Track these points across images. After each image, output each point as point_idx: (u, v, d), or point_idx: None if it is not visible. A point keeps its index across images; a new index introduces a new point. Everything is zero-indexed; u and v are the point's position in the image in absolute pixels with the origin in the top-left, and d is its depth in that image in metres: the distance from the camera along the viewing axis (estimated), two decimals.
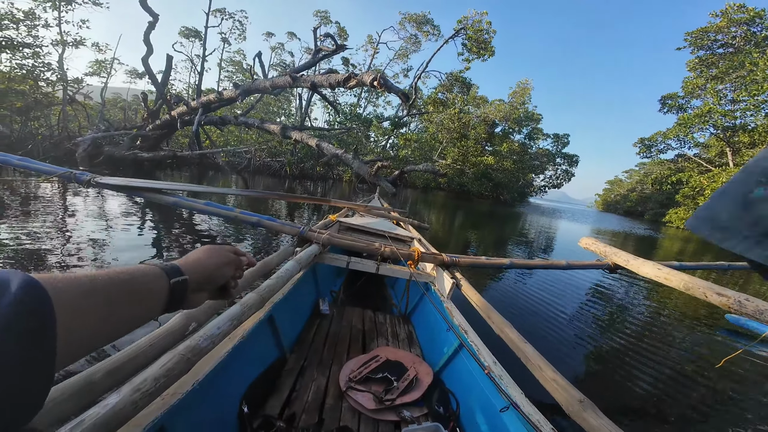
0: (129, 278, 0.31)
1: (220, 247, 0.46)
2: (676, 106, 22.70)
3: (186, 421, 0.71)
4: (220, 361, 0.79)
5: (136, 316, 0.31)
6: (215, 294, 0.45)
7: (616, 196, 56.13)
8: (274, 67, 31.24)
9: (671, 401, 1.87)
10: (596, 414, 0.77)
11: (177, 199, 1.58)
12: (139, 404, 0.56)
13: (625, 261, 1.97)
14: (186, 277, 0.37)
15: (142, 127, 11.62)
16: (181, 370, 0.65)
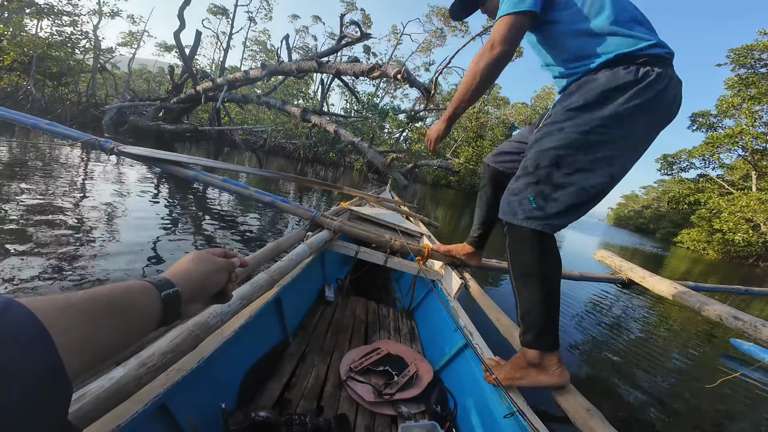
0: (108, 293, 0.30)
1: (207, 252, 0.44)
2: (706, 124, 21.77)
3: (187, 399, 0.70)
4: (226, 339, 0.78)
5: (126, 331, 0.30)
6: (211, 300, 0.44)
7: (630, 211, 54.82)
8: (297, 49, 31.05)
9: (672, 417, 1.86)
10: (603, 424, 0.75)
11: (195, 173, 1.58)
12: (144, 379, 0.55)
13: (640, 278, 1.92)
14: (177, 288, 0.36)
15: (167, 100, 11.77)
16: (188, 346, 0.64)
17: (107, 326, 0.28)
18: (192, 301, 0.39)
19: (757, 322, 1.27)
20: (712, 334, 3.47)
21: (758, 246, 17.06)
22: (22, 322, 0.21)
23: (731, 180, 22.53)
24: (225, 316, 0.73)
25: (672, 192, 26.64)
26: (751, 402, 2.20)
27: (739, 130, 18.69)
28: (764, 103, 17.95)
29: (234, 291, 0.81)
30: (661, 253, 17.75)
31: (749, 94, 18.57)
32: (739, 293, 2.14)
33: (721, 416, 2.00)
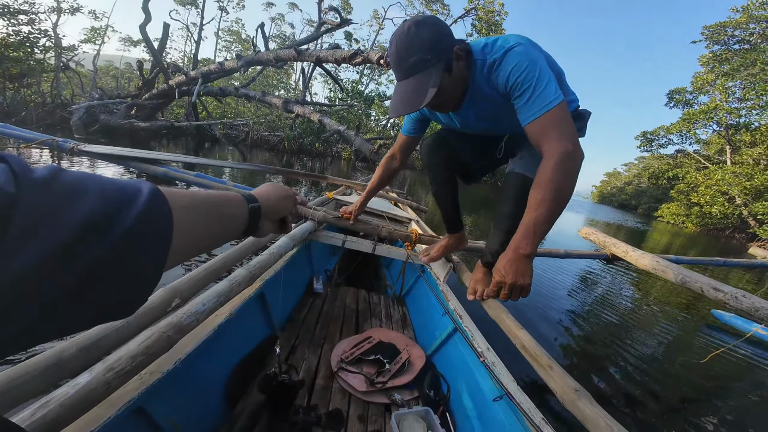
0: (220, 199, 0.33)
1: (280, 184, 0.50)
2: (683, 101, 22.26)
3: (167, 401, 0.68)
4: (205, 339, 0.75)
5: (220, 236, 0.33)
6: (276, 227, 0.50)
7: (613, 188, 56.39)
8: (274, 38, 29.95)
9: (659, 392, 1.91)
10: (591, 403, 0.75)
11: (166, 170, 1.50)
12: (113, 384, 0.53)
13: (623, 252, 1.95)
14: (260, 204, 0.40)
15: (137, 96, 11.23)
16: (161, 348, 0.61)
17: (211, 231, 0.31)
18: (267, 218, 0.44)
19: (738, 293, 1.29)
20: (694, 306, 3.60)
21: (734, 218, 17.85)
22: (160, 222, 0.23)
23: (707, 155, 23.31)
24: (201, 315, 0.69)
25: (652, 168, 27.44)
26: (740, 374, 2.30)
27: (714, 105, 19.22)
28: (737, 79, 18.44)
29: (211, 288, 0.77)
30: (643, 227, 18.41)
31: (723, 71, 19.03)
32: (718, 265, 2.20)
33: (712, 390, 2.06)
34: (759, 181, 15.16)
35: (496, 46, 0.86)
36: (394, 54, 0.82)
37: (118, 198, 0.20)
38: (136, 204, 0.21)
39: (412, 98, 0.81)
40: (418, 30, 0.80)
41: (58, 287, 0.17)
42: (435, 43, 0.80)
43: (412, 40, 0.79)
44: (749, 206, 15.81)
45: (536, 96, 0.79)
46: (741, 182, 16.20)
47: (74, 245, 0.17)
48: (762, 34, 18.07)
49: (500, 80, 0.84)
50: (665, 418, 1.68)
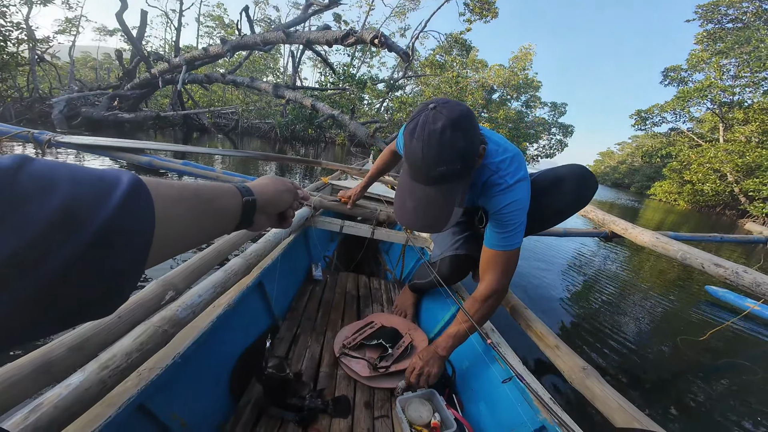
0: (213, 191, 0.32)
1: (280, 177, 0.49)
2: (678, 79, 22.07)
3: (169, 397, 0.66)
4: (204, 331, 0.72)
5: (212, 229, 0.32)
6: (275, 221, 0.48)
7: (606, 167, 56.68)
8: (258, 22, 28.71)
9: (662, 370, 1.95)
10: (599, 381, 0.75)
11: (150, 159, 1.44)
12: (108, 383, 0.51)
13: (623, 230, 1.96)
14: (255, 197, 0.39)
15: (119, 87, 10.82)
16: (157, 343, 0.58)
17: (202, 225, 0.29)
18: (263, 212, 0.42)
19: (739, 268, 1.31)
20: (688, 282, 3.66)
21: (725, 195, 18.10)
22: (140, 216, 0.21)
23: (700, 133, 23.37)
24: (197, 307, 0.66)
25: (645, 146, 27.51)
26: (739, 350, 2.35)
27: (708, 83, 19.11)
28: (732, 57, 18.29)
29: (206, 279, 0.73)
30: (636, 205, 18.67)
31: (717, 49, 18.86)
32: (715, 241, 2.23)
33: (712, 367, 2.09)
34: (750, 159, 15.31)
35: (511, 168, 0.87)
36: (419, 155, 0.68)
37: (93, 190, 0.19)
38: (113, 196, 0.19)
39: (434, 215, 0.74)
40: (453, 135, 0.67)
41: (24, 289, 0.16)
42: (467, 152, 0.70)
43: (446, 147, 0.67)
44: (740, 183, 16.02)
45: (508, 236, 0.89)
46: (733, 160, 16.34)
47: (41, 244, 0.16)
48: (755, 12, 17.85)
49: (494, 202, 0.88)
50: (669, 395, 1.71)
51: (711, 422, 1.54)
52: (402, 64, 20.75)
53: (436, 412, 0.96)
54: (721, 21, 19.38)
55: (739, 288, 1.30)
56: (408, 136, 0.71)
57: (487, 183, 0.89)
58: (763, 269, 1.72)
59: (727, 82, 19.16)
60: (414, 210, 0.75)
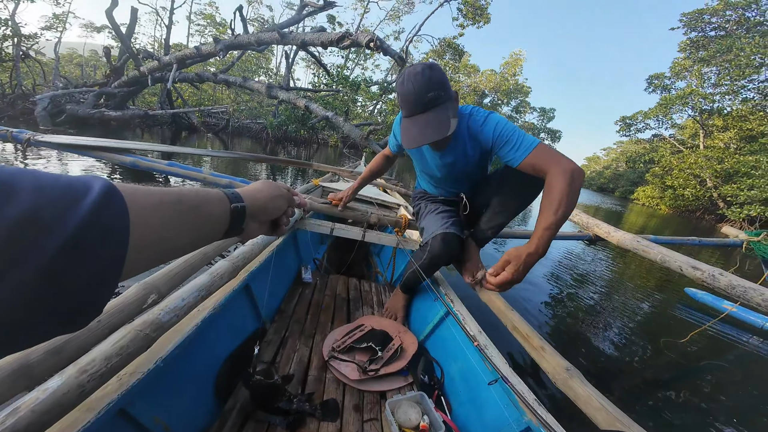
0: (197, 198, 0.31)
1: (275, 182, 0.47)
2: (661, 86, 22.80)
3: (151, 402, 0.65)
4: (188, 335, 0.71)
5: (197, 237, 0.31)
6: (268, 228, 0.46)
7: (592, 172, 58.07)
8: (251, 22, 28.50)
9: (645, 371, 1.98)
10: (582, 382, 0.76)
11: (135, 159, 1.41)
12: (87, 387, 0.50)
13: (606, 233, 2.00)
14: (245, 204, 0.37)
15: (105, 84, 10.56)
16: (138, 347, 0.57)
17: (185, 234, 0.28)
18: (254, 219, 0.40)
19: (715, 271, 1.34)
20: (669, 285, 3.77)
21: (705, 200, 18.75)
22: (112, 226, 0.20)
23: (682, 139, 24.19)
24: (180, 311, 0.64)
25: (629, 152, 28.33)
26: (719, 352, 2.42)
27: (690, 91, 19.79)
28: (713, 65, 18.95)
29: (191, 282, 0.72)
30: (620, 209, 19.15)
31: (699, 57, 19.52)
32: (694, 244, 2.29)
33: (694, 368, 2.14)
34: (729, 165, 15.90)
35: (477, 109, 1.10)
36: (412, 91, 0.94)
37: (59, 198, 0.18)
38: (83, 204, 0.18)
39: (436, 128, 0.94)
40: (431, 71, 0.94)
41: None
42: (445, 83, 0.97)
43: (429, 79, 0.93)
44: (719, 188, 16.60)
45: (520, 141, 0.99)
46: (712, 166, 16.94)
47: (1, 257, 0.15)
48: (737, 21, 18.50)
49: (487, 133, 1.05)
50: (651, 395, 1.74)
51: (691, 424, 1.58)
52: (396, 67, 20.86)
53: (425, 414, 0.97)
54: (705, 29, 20.05)
55: (716, 290, 1.33)
56: (400, 85, 0.97)
57: (470, 127, 1.10)
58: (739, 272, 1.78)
59: (707, 89, 19.88)
60: (419, 131, 0.95)
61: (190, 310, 0.68)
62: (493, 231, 1.27)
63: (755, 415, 1.71)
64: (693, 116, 21.19)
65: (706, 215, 19.42)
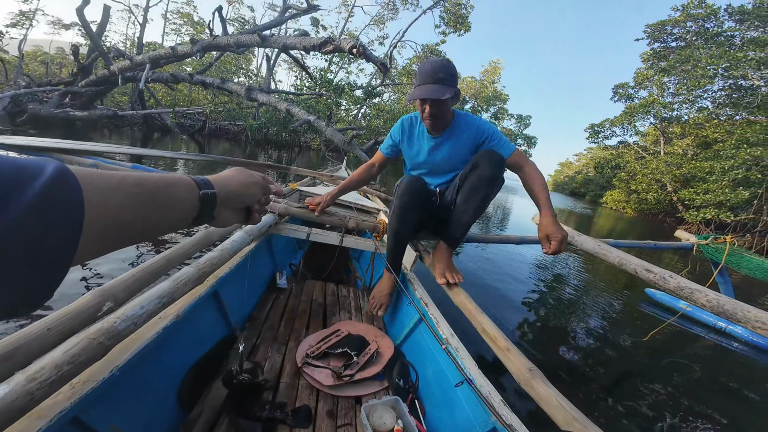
0: (160, 182, 0.30)
1: (249, 169, 0.46)
2: (625, 95, 24.14)
3: (108, 410, 0.63)
4: (148, 343, 0.68)
5: (162, 221, 0.30)
6: (242, 216, 0.45)
7: (565, 177, 60.53)
8: (231, 22, 27.84)
9: (608, 370, 2.06)
10: (543, 382, 0.79)
11: (95, 161, 1.35)
12: (37, 395, 0.49)
13: (570, 237, 2.10)
14: (216, 191, 0.37)
15: (71, 83, 9.97)
16: (91, 355, 0.55)
17: (146, 215, 0.28)
18: (226, 206, 0.40)
19: (665, 273, 1.42)
20: (634, 286, 3.94)
21: (666, 203, 19.97)
22: (65, 206, 0.20)
23: (645, 146, 25.70)
24: (139, 319, 0.62)
25: (598, 158, 29.80)
26: (678, 348, 2.54)
27: (651, 100, 21.08)
28: (672, 75, 20.27)
29: (151, 289, 0.70)
30: (590, 213, 20.08)
31: (660, 67, 20.86)
32: (650, 248, 2.43)
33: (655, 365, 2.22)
34: (686, 170, 17.04)
35: (471, 114, 1.42)
36: (429, 68, 1.22)
37: (10, 178, 0.18)
38: (33, 185, 0.18)
39: (437, 92, 1.19)
40: (448, 63, 1.23)
41: None
42: (454, 75, 1.24)
43: (445, 66, 1.22)
44: (678, 193, 17.75)
45: (505, 142, 1.37)
46: (672, 171, 18.10)
47: None
48: (697, 32, 19.74)
49: (482, 129, 1.36)
50: (614, 394, 1.81)
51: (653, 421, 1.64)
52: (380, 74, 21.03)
53: (399, 418, 0.97)
54: (666, 40, 21.25)
55: (667, 291, 1.41)
56: (422, 63, 1.26)
57: (467, 122, 1.38)
58: (691, 273, 1.90)
59: (667, 98, 21.24)
60: (425, 90, 1.20)
61: (150, 318, 0.65)
62: (461, 231, 1.36)
63: (713, 410, 1.79)
64: (654, 124, 22.57)
65: (668, 218, 20.68)
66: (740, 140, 12.18)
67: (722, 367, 2.37)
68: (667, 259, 6.20)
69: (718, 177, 12.63)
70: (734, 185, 12.13)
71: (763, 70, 13.70)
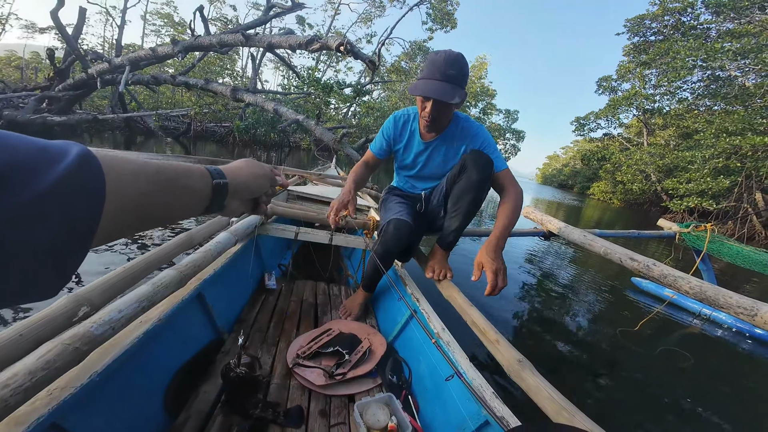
0: (177, 170, 0.31)
1: (257, 161, 0.47)
2: (609, 88, 24.52)
3: (88, 416, 0.62)
4: (128, 348, 0.66)
5: (177, 208, 0.31)
6: (249, 207, 0.46)
7: (553, 170, 61.47)
8: (213, 22, 27.25)
9: (597, 359, 2.08)
10: (533, 373, 0.79)
11: None
12: (11, 402, 0.48)
13: (557, 228, 2.13)
14: (227, 181, 0.37)
15: (48, 88, 9.64)
16: (67, 361, 0.54)
17: (163, 203, 0.29)
18: (236, 196, 0.40)
19: (649, 262, 1.45)
20: (622, 275, 3.96)
21: (650, 193, 20.49)
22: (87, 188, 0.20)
23: (629, 137, 26.29)
24: (116, 323, 0.60)
25: (584, 150, 30.35)
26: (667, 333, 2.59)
27: (633, 92, 21.54)
28: (653, 68, 20.73)
29: (130, 293, 0.68)
30: (579, 204, 20.48)
31: (641, 60, 21.31)
32: (633, 236, 2.48)
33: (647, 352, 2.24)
34: (669, 160, 17.50)
35: (470, 118, 1.34)
36: (442, 62, 1.10)
37: (34, 158, 0.18)
38: (57, 167, 0.18)
39: (445, 93, 1.08)
40: (463, 60, 1.13)
41: None
42: (465, 74, 1.15)
43: (459, 63, 1.11)
44: (662, 183, 18.22)
45: (497, 157, 1.25)
46: (655, 161, 18.55)
47: None
48: (674, 25, 20.22)
49: (479, 136, 1.29)
50: (607, 384, 1.82)
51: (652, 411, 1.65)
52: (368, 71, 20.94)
53: (393, 415, 0.97)
54: (646, 34, 21.77)
55: (652, 279, 1.44)
56: (433, 55, 1.14)
57: (463, 128, 1.30)
58: (675, 261, 1.93)
59: (649, 90, 21.71)
60: (432, 88, 1.09)
61: (129, 322, 0.63)
62: (454, 235, 1.31)
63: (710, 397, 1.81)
64: (637, 115, 23.09)
65: (653, 207, 21.22)
66: (719, 130, 12.53)
67: (712, 354, 2.41)
68: (653, 248, 6.34)
69: (699, 166, 12.98)
70: (715, 174, 12.49)
71: (740, 61, 14.09)
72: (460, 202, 1.25)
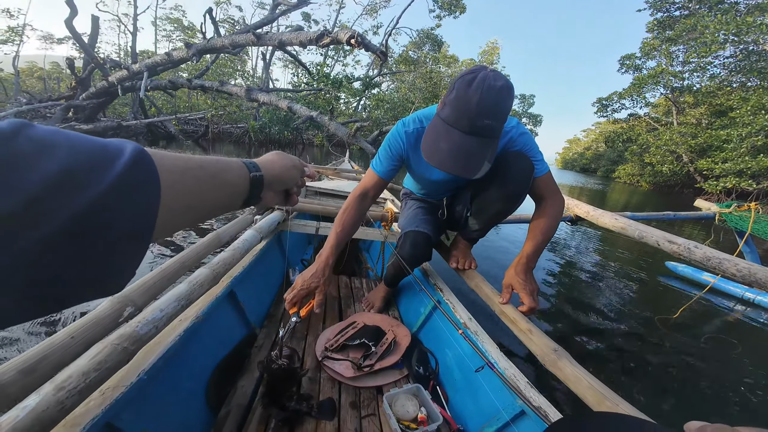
0: (219, 165, 0.32)
1: (286, 153, 0.47)
2: (633, 67, 23.20)
3: (138, 414, 0.64)
4: (171, 346, 0.69)
5: (220, 203, 0.32)
6: (281, 198, 0.47)
7: (574, 154, 59.21)
8: (221, 23, 27.67)
9: (637, 349, 1.98)
10: (570, 362, 0.77)
11: None
12: (68, 403, 0.49)
13: (585, 213, 2.05)
14: (263, 173, 0.38)
15: (72, 97, 10.11)
16: (117, 361, 0.56)
17: (209, 198, 0.29)
18: (270, 188, 0.41)
19: (690, 244, 1.36)
20: (653, 259, 3.79)
21: (682, 175, 19.39)
22: (144, 185, 0.21)
23: (656, 117, 24.84)
24: (159, 323, 0.63)
25: (607, 132, 28.99)
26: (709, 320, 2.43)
27: (660, 70, 20.26)
28: (680, 44, 19.45)
29: (168, 292, 0.70)
30: (603, 188, 19.67)
31: (666, 36, 20.00)
32: (669, 218, 2.33)
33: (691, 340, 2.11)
34: (702, 140, 16.47)
35: (516, 125, 1.06)
36: (475, 102, 0.76)
37: (94, 157, 0.18)
38: (115, 165, 0.19)
39: (467, 166, 0.82)
40: (507, 95, 0.78)
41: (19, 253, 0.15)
42: (507, 115, 0.83)
43: (499, 103, 0.78)
44: (695, 163, 17.19)
45: (542, 160, 1.05)
46: (687, 141, 17.51)
47: (37, 207, 0.15)
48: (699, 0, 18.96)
49: (510, 142, 1.05)
50: (652, 374, 1.73)
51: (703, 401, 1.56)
52: (377, 62, 20.71)
53: (422, 405, 0.98)
54: (669, 9, 20.51)
55: (693, 263, 1.36)
56: (464, 86, 0.77)
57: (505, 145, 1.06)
58: (715, 243, 1.80)
59: (677, 67, 20.42)
60: (449, 152, 0.81)
61: (170, 321, 0.66)
62: (478, 234, 1.23)
63: (765, 386, 1.69)
64: (665, 94, 21.77)
65: (685, 189, 20.10)
66: (756, 106, 11.65)
67: (762, 340, 2.25)
68: (687, 230, 6.02)
69: (736, 145, 12.18)
70: (754, 152, 11.66)
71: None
72: (486, 212, 1.13)
